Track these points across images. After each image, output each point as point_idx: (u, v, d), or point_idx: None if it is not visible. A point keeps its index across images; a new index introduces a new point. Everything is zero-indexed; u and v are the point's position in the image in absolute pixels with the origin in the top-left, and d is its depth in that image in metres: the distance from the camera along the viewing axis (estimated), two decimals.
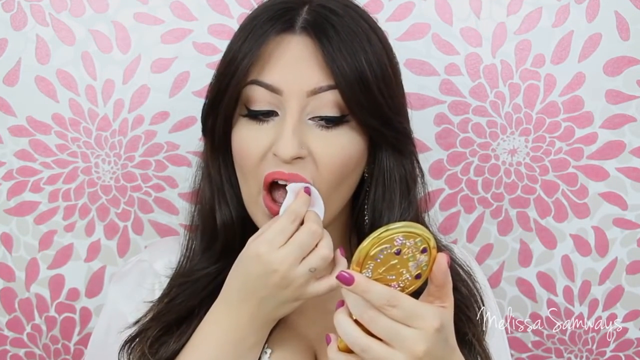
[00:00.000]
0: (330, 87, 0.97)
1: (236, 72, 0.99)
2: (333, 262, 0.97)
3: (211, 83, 1.05)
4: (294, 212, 0.94)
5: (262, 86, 0.98)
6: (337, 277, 0.83)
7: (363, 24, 1.01)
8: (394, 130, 1.02)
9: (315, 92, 0.97)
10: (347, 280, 0.82)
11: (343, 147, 0.99)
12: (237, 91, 0.99)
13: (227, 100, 1.00)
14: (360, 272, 0.83)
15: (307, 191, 0.96)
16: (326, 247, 0.93)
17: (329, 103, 0.98)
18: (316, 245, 0.93)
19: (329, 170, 0.99)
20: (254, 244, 0.94)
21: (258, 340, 0.97)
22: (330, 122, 0.99)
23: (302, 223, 0.95)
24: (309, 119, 0.98)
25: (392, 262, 0.83)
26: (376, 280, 0.83)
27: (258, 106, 0.99)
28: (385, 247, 0.82)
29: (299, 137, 0.97)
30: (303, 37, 0.99)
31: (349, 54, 0.97)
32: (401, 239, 0.82)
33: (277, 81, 0.97)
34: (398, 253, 0.82)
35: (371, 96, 0.98)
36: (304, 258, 0.92)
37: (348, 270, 0.83)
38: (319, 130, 0.99)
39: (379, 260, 0.83)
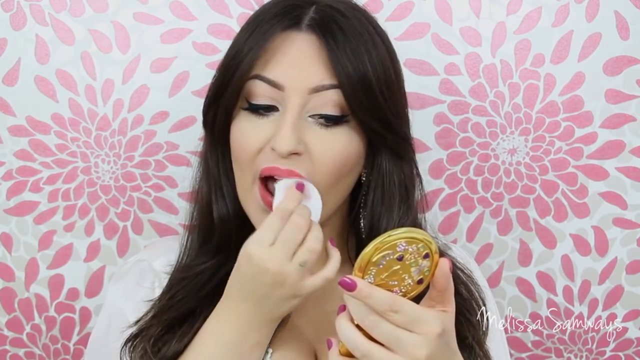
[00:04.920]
0: (332, 86, 0.97)
1: (240, 66, 0.99)
2: (327, 254, 0.97)
3: (214, 76, 1.05)
4: (281, 209, 0.94)
5: (264, 81, 0.98)
6: (340, 283, 0.83)
7: (369, 27, 1.01)
8: (394, 133, 1.03)
9: (317, 89, 0.97)
10: (349, 286, 0.82)
11: (341, 146, 0.99)
12: (240, 85, 0.99)
13: (229, 93, 1.00)
14: (363, 277, 0.83)
15: (300, 187, 0.96)
16: (313, 240, 0.93)
17: (330, 102, 0.98)
18: (305, 239, 0.93)
19: (325, 169, 0.99)
20: (246, 244, 0.93)
21: (261, 339, 0.97)
22: (330, 121, 0.99)
23: None
24: (309, 116, 0.99)
25: (394, 268, 0.83)
26: (378, 285, 0.83)
27: (259, 100, 0.99)
28: (388, 253, 0.82)
29: (297, 133, 0.97)
30: (309, 35, 0.99)
31: (354, 55, 0.97)
32: (404, 245, 0.81)
33: (280, 77, 0.97)
34: (400, 259, 0.82)
35: (373, 98, 0.98)
36: (295, 253, 0.92)
37: (350, 276, 0.83)
38: (318, 128, 0.99)
39: (381, 267, 0.83)
